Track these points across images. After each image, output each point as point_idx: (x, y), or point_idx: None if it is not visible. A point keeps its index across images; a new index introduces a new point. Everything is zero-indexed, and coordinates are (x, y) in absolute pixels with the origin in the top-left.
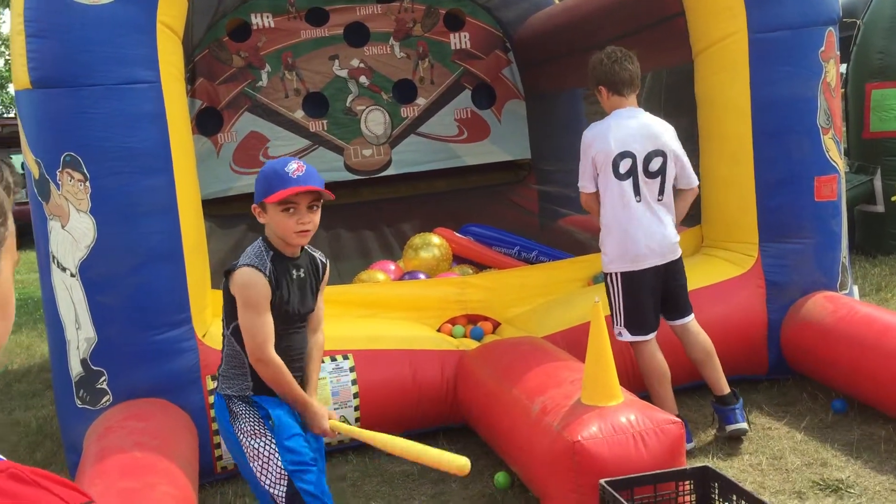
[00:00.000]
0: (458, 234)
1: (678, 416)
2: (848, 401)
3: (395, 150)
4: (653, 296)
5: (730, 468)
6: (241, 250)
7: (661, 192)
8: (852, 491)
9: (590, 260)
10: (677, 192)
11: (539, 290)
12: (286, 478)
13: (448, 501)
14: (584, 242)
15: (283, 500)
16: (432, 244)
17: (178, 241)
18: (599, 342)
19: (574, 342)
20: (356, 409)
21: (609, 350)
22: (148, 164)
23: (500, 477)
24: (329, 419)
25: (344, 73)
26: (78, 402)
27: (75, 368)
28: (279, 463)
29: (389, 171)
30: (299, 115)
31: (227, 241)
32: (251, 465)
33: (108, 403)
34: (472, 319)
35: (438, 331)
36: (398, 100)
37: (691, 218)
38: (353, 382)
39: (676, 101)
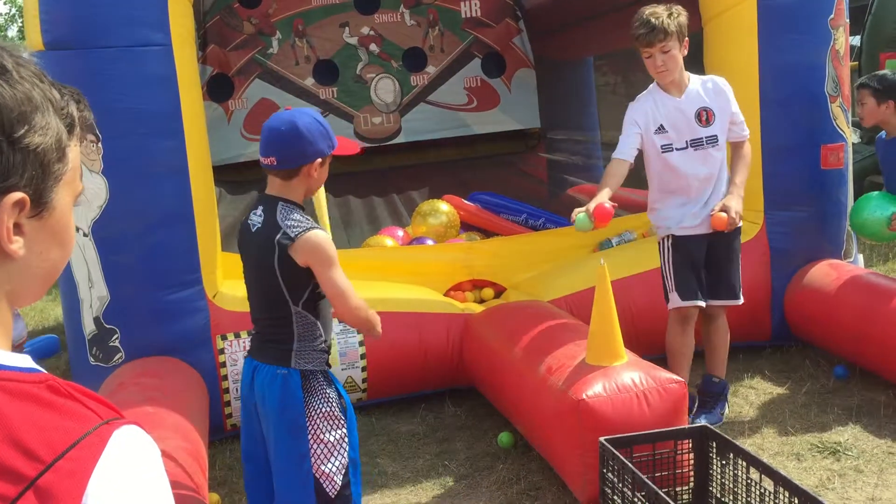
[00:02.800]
0: (466, 202)
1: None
2: (849, 367)
3: (405, 118)
4: None
5: (729, 430)
6: None
7: None
8: (850, 453)
9: None
10: None
11: (545, 255)
12: (346, 468)
13: (452, 460)
14: None
15: (336, 490)
16: (440, 211)
17: (189, 203)
18: (605, 303)
19: (579, 306)
20: (363, 369)
21: (614, 311)
22: (159, 126)
23: (504, 437)
24: None
25: (354, 41)
26: (91, 360)
27: (88, 326)
28: (345, 454)
29: (399, 139)
30: (309, 82)
31: (238, 207)
32: (311, 447)
33: (120, 361)
34: (478, 284)
35: (445, 295)
36: (408, 68)
37: None
38: (361, 343)
39: (688, 69)
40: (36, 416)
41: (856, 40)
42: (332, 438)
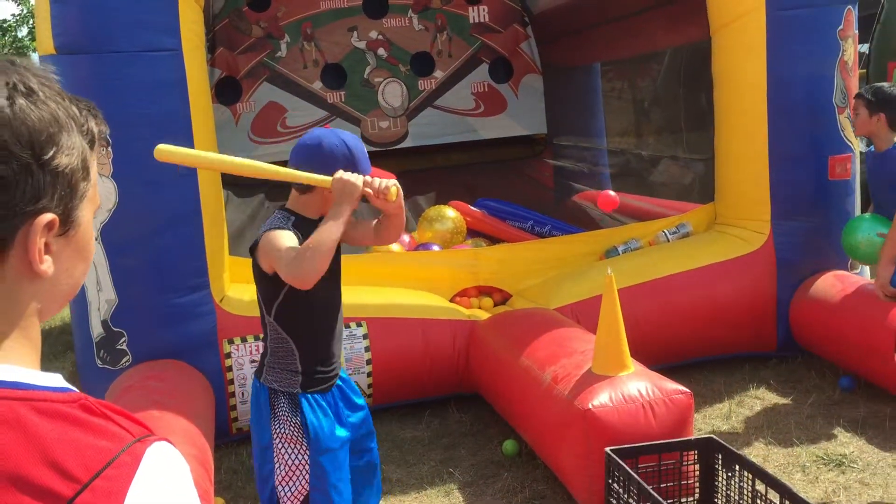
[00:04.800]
0: (472, 208)
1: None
2: (855, 379)
3: (412, 122)
4: None
5: (735, 441)
6: (258, 218)
7: None
8: (855, 466)
9: (602, 235)
10: None
11: (551, 263)
12: (305, 493)
13: (457, 467)
14: (598, 218)
15: None
16: (446, 217)
17: (197, 207)
18: (611, 313)
19: (585, 314)
20: (369, 375)
21: (621, 321)
22: (168, 131)
23: (509, 445)
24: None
25: (362, 45)
26: (98, 363)
27: (96, 329)
28: (306, 477)
29: (406, 144)
30: (317, 86)
31: (245, 210)
32: (276, 466)
33: (127, 364)
34: (484, 291)
35: (450, 301)
36: (416, 72)
37: (705, 195)
38: (367, 349)
39: (695, 78)
40: (70, 436)
41: (864, 48)
42: (292, 462)
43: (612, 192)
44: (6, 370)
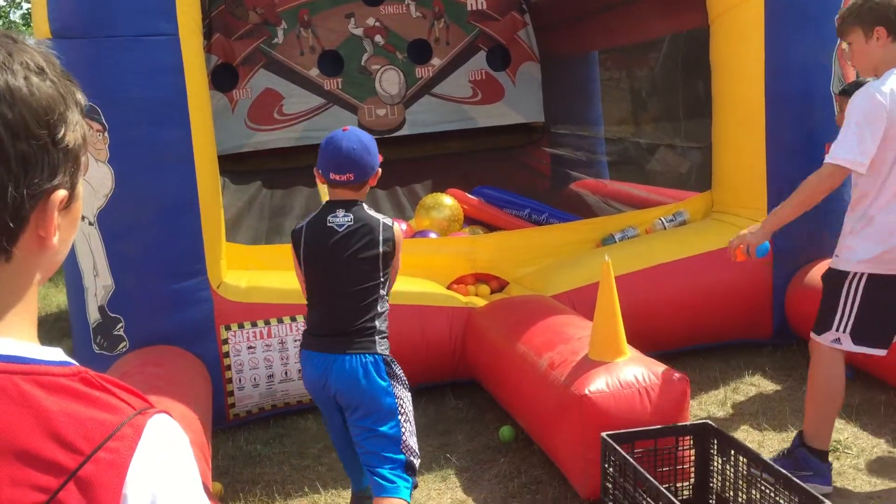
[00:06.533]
0: (469, 196)
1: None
2: (851, 367)
3: (409, 110)
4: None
5: (730, 427)
6: (255, 205)
7: None
8: (849, 451)
9: (599, 222)
10: None
11: (548, 250)
12: (415, 431)
13: (454, 452)
14: (595, 206)
15: (413, 451)
16: (444, 205)
17: (194, 193)
18: (608, 299)
19: (582, 301)
20: None
21: (617, 307)
22: (165, 116)
23: (505, 431)
24: None
25: (359, 32)
26: (95, 348)
27: (93, 315)
28: (412, 420)
29: (403, 132)
30: (314, 72)
31: (241, 197)
32: (400, 418)
33: (124, 350)
34: (481, 278)
35: (447, 289)
36: (413, 60)
37: (702, 183)
38: None
39: (693, 65)
40: (72, 409)
41: None
42: (409, 408)
43: None
44: (7, 344)
